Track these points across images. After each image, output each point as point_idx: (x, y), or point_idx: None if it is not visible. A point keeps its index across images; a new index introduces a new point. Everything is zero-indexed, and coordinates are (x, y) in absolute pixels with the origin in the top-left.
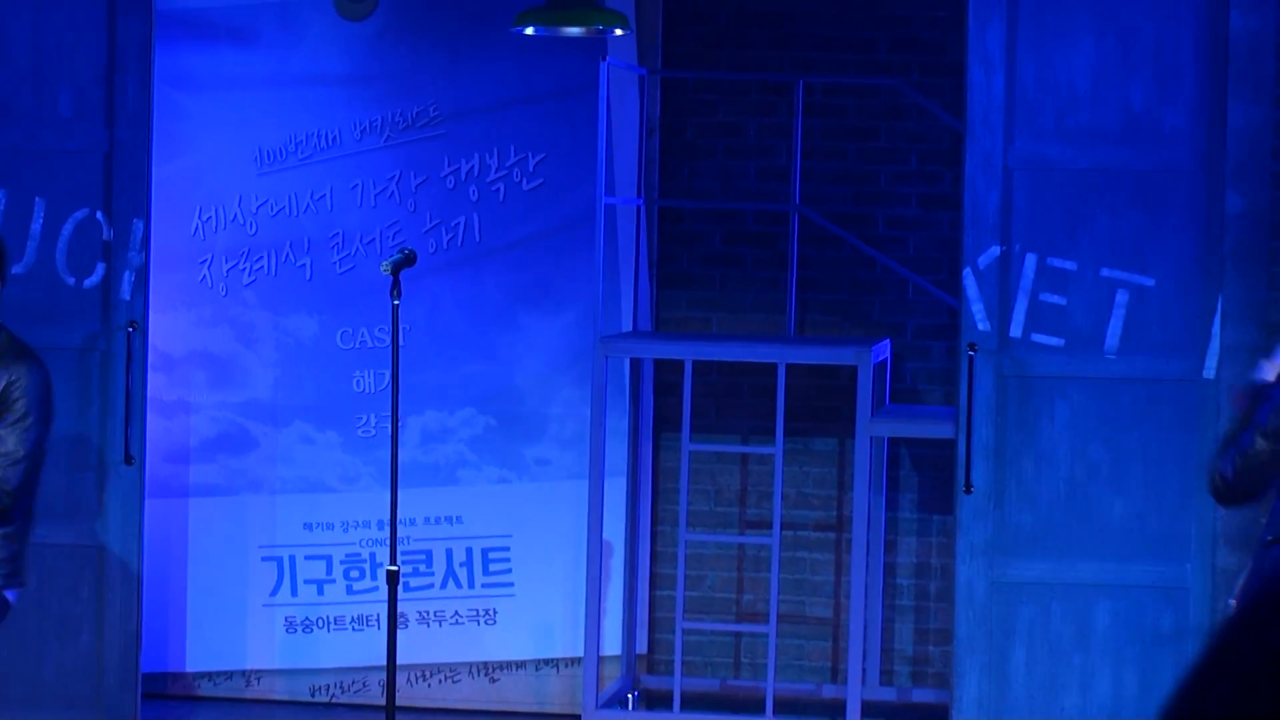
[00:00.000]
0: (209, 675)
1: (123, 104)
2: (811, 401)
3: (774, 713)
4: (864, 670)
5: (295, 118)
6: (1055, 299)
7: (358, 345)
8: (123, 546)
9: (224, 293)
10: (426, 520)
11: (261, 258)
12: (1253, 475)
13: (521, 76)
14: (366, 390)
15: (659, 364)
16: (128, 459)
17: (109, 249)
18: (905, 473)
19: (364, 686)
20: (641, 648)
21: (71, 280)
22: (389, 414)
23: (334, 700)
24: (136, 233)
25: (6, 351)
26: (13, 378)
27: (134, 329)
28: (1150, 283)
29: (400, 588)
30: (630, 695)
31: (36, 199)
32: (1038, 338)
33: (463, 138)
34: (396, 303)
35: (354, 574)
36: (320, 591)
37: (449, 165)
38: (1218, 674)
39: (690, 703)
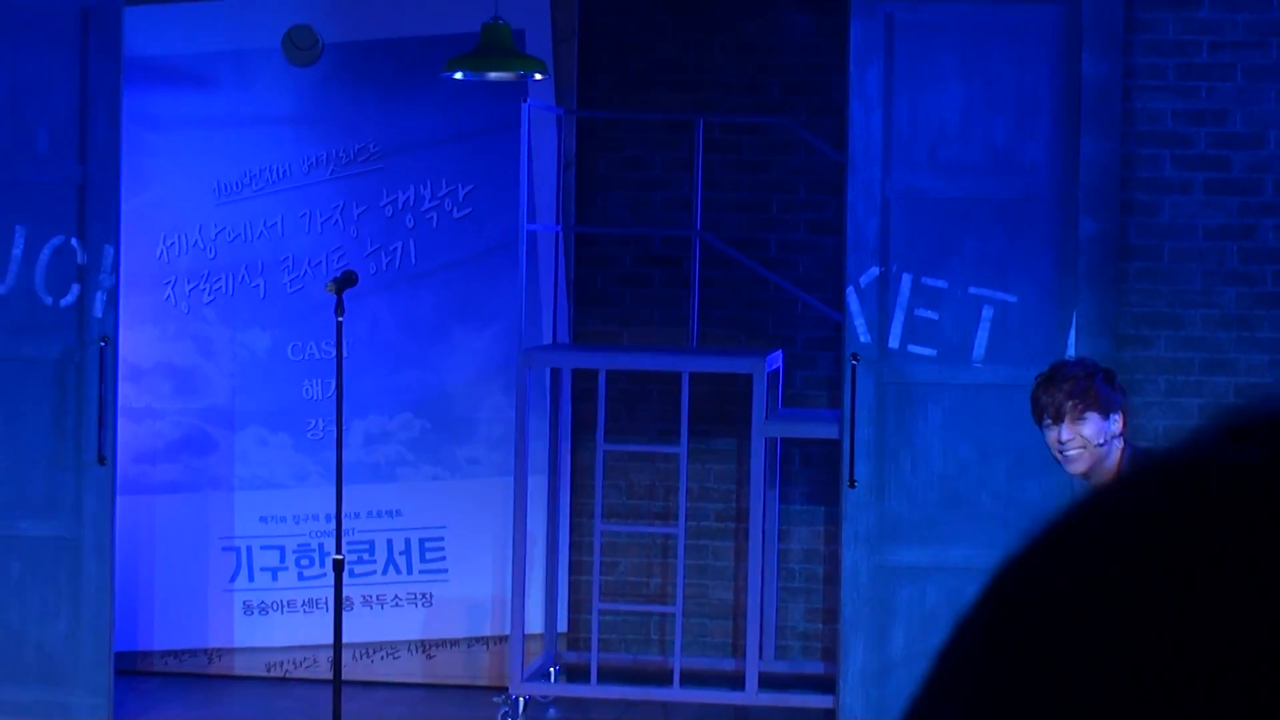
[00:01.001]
0: (175, 653)
1: (94, 141)
2: (712, 406)
3: (680, 684)
4: (760, 645)
5: (249, 154)
6: (929, 314)
7: (306, 357)
8: (97, 538)
9: (186, 310)
10: (369, 514)
11: (220, 279)
12: None
13: (451, 116)
14: (315, 397)
15: (576, 372)
16: (100, 459)
17: (83, 272)
18: (796, 469)
19: (314, 663)
20: (562, 626)
21: (49, 300)
22: (334, 418)
23: (287, 675)
24: (107, 257)
25: None
26: None
27: (106, 343)
28: (1013, 299)
29: (346, 574)
30: (552, 669)
31: (17, 227)
32: (913, 348)
33: (399, 171)
34: (340, 319)
35: (304, 562)
36: (274, 578)
37: (387, 196)
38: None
39: (606, 675)
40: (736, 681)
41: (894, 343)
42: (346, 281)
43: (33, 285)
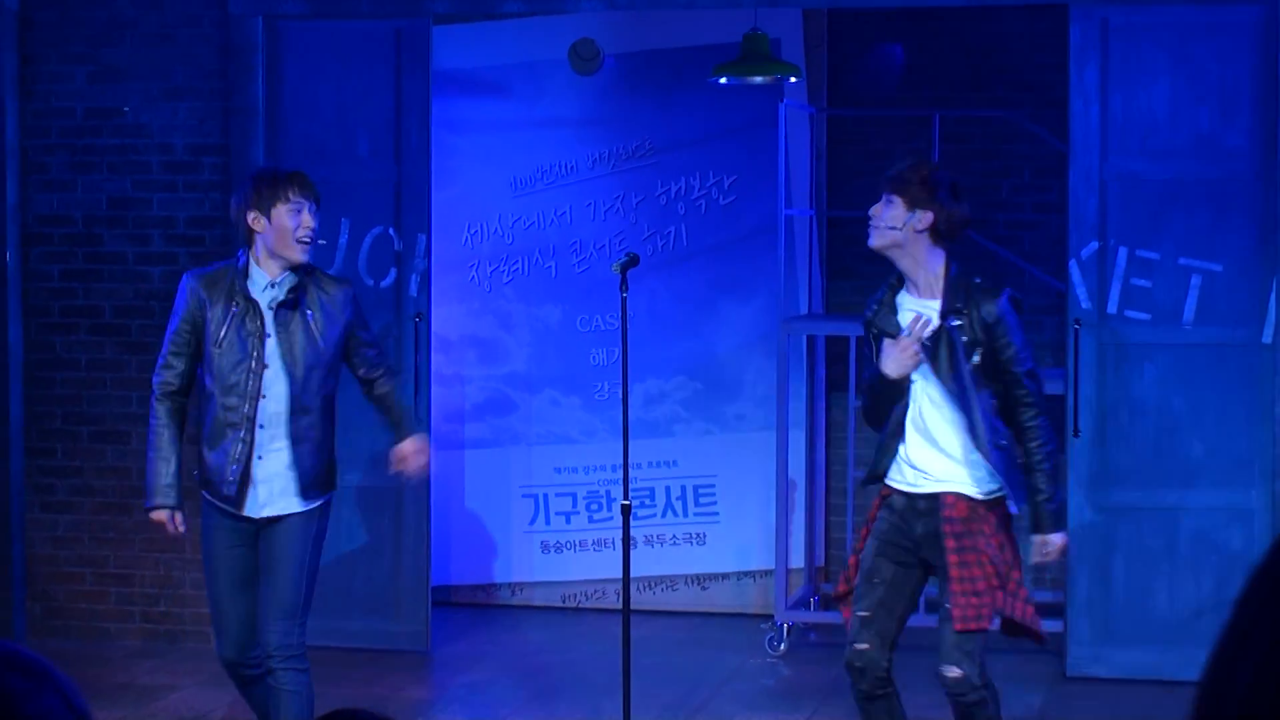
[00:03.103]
0: (482, 587)
1: (407, 145)
2: None
3: (925, 611)
4: None
5: (541, 152)
6: (1143, 282)
7: (593, 328)
8: (414, 489)
9: (488, 289)
10: (649, 464)
11: (517, 262)
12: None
13: (717, 116)
14: (600, 363)
15: (829, 339)
16: (418, 420)
17: (399, 257)
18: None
19: (603, 595)
20: (820, 561)
21: (370, 281)
22: (619, 381)
23: (580, 606)
24: (420, 244)
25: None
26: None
27: (420, 319)
28: (1218, 268)
29: (630, 517)
30: (812, 599)
31: (342, 219)
32: (1129, 313)
33: (672, 165)
34: (624, 295)
35: (594, 507)
36: (568, 521)
37: (661, 186)
38: (1239, 649)
39: None
40: None
41: (1112, 308)
42: (631, 262)
43: (356, 269)
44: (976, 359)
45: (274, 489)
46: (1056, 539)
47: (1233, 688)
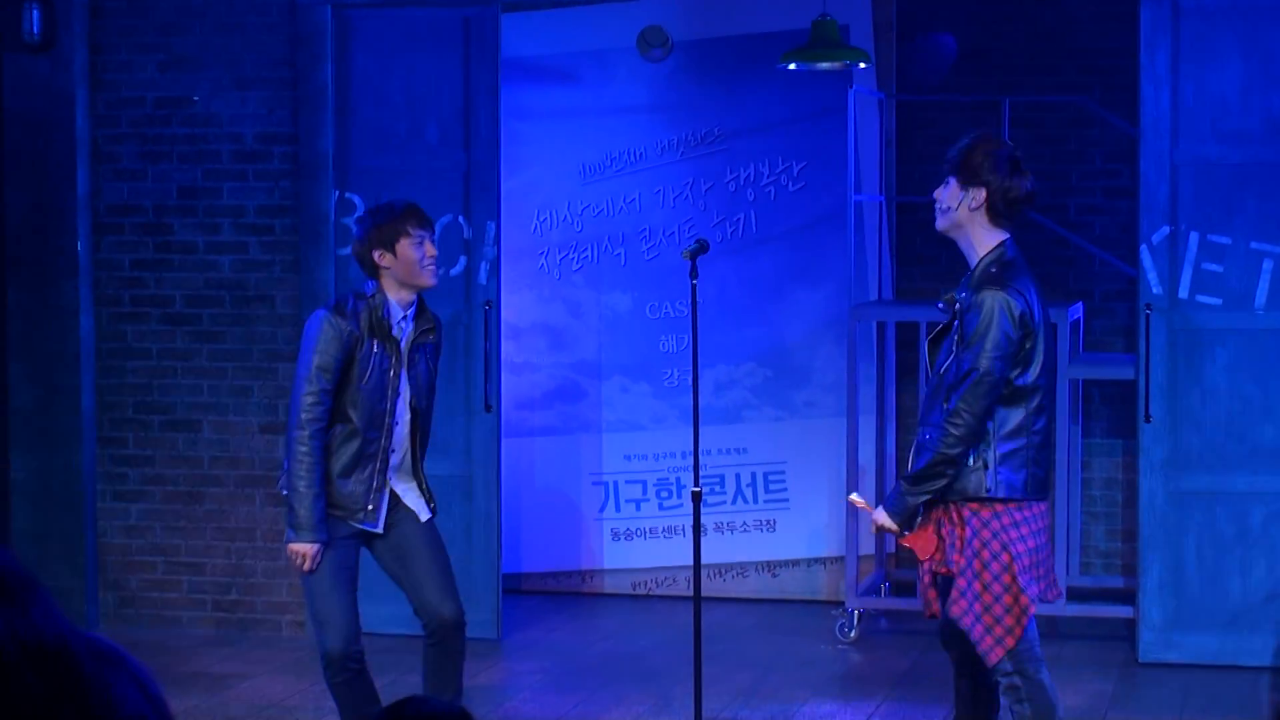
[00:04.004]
0: (553, 574)
1: (476, 133)
2: None
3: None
4: (1067, 563)
5: (610, 139)
6: (1214, 267)
7: (663, 315)
8: (485, 476)
9: (558, 277)
10: (719, 451)
11: (586, 249)
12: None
13: (786, 102)
14: (670, 350)
15: (899, 324)
16: (487, 407)
17: (469, 245)
18: (1096, 406)
19: (674, 582)
20: (890, 548)
21: (440, 270)
22: (689, 368)
23: (650, 593)
24: (489, 232)
25: None
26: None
27: (490, 306)
28: None
29: (701, 504)
30: (883, 585)
31: None
32: (1201, 298)
33: (741, 151)
34: (694, 282)
35: (664, 494)
36: (638, 508)
37: (731, 173)
38: None
39: None
40: None
41: (1183, 293)
42: (701, 249)
43: None
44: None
45: (402, 508)
46: (879, 514)
47: None
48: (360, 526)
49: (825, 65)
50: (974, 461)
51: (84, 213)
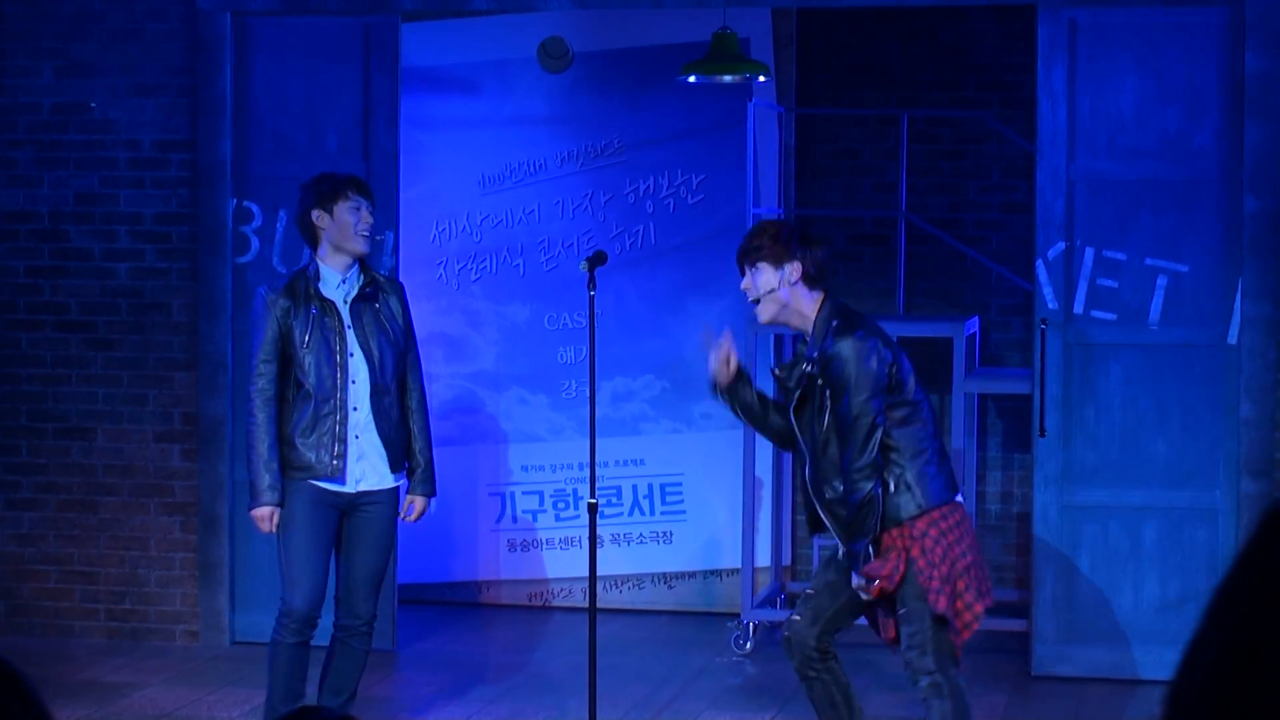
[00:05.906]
0: (449, 585)
1: (375, 142)
2: (917, 365)
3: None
4: None
5: (509, 150)
6: (1109, 282)
7: (561, 327)
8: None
9: (456, 287)
10: (616, 462)
11: (485, 259)
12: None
13: (686, 114)
14: (568, 361)
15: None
16: None
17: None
18: (992, 420)
19: (570, 593)
20: (786, 560)
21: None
22: (587, 379)
23: (547, 604)
24: (388, 242)
25: None
26: None
27: None
28: (1184, 269)
29: (597, 516)
30: (778, 598)
31: None
32: (1096, 313)
33: (640, 163)
34: (592, 293)
35: (560, 505)
36: (535, 519)
37: (630, 185)
38: (1210, 651)
39: None
40: None
41: (1078, 308)
42: (599, 259)
43: None
44: (828, 400)
45: (368, 465)
46: (862, 587)
47: (1205, 689)
48: (326, 485)
49: (725, 78)
50: (895, 487)
51: None
